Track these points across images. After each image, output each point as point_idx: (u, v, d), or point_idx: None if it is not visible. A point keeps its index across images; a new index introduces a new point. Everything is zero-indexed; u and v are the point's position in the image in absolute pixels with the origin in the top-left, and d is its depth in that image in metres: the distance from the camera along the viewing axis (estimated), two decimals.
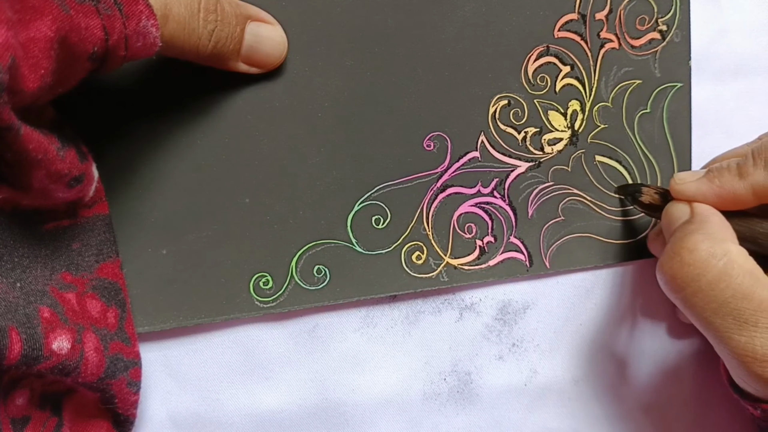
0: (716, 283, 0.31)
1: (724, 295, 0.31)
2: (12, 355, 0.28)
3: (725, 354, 0.32)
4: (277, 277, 0.39)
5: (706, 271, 0.31)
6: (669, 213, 0.36)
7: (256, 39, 0.35)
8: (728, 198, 0.35)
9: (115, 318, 0.35)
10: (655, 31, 0.41)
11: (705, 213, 0.34)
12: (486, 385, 0.42)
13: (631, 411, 0.43)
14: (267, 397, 0.40)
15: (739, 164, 0.35)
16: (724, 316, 0.31)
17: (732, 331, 0.31)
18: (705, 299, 0.31)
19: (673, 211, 0.36)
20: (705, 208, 0.35)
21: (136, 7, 0.28)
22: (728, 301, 0.31)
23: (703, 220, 0.34)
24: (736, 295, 0.31)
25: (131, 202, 0.37)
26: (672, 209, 0.36)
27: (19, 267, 0.32)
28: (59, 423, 0.35)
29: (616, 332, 0.43)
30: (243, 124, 0.38)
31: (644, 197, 0.39)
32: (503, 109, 0.40)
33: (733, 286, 0.31)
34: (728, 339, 0.31)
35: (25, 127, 0.26)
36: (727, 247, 0.32)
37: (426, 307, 0.41)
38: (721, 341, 0.32)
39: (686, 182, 0.36)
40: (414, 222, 0.40)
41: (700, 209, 0.35)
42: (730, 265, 0.31)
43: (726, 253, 0.31)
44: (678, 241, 0.33)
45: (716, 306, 0.31)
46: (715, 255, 0.31)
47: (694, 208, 0.35)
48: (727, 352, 0.32)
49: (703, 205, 0.35)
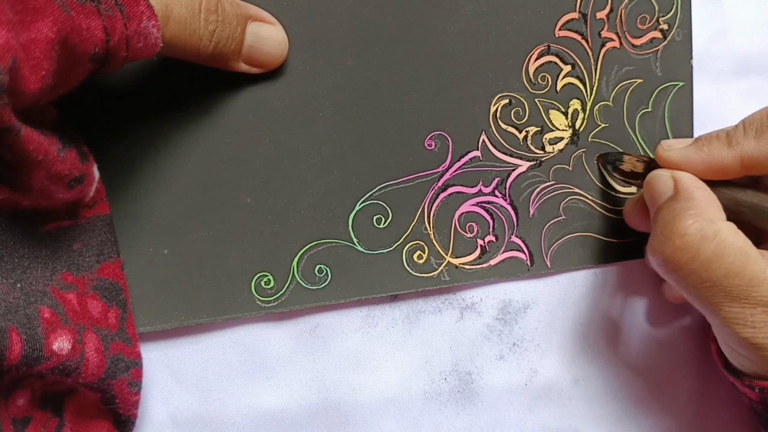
0: (709, 263, 0.31)
1: (717, 274, 0.31)
2: (12, 355, 0.28)
3: (717, 324, 0.33)
4: (279, 277, 0.39)
5: (698, 253, 0.31)
6: (651, 183, 0.36)
7: (257, 39, 0.35)
8: (715, 167, 0.35)
9: (116, 318, 0.35)
10: (657, 30, 0.40)
11: (690, 188, 0.34)
12: (486, 384, 0.42)
13: (631, 411, 0.43)
14: (268, 396, 0.40)
15: (729, 133, 0.35)
16: (717, 293, 0.32)
17: (723, 304, 0.32)
18: (698, 279, 0.32)
19: (656, 182, 0.35)
20: (690, 181, 0.34)
21: (137, 8, 0.28)
22: (720, 280, 0.31)
23: (689, 196, 0.33)
24: (729, 274, 0.31)
25: (132, 202, 0.37)
26: (654, 180, 0.35)
27: (19, 268, 0.32)
28: (60, 423, 0.35)
29: (616, 332, 0.43)
30: (244, 123, 0.38)
31: (625, 165, 0.38)
32: (504, 108, 0.40)
33: (725, 265, 0.31)
34: (719, 310, 0.32)
35: (25, 129, 0.26)
36: (718, 227, 0.32)
37: (427, 307, 0.41)
38: (713, 313, 0.32)
39: (673, 149, 0.36)
40: (415, 221, 0.40)
41: (685, 183, 0.34)
42: (721, 245, 0.31)
43: (717, 233, 0.31)
44: (668, 224, 0.33)
45: (709, 285, 0.32)
46: (706, 236, 0.31)
47: (678, 182, 0.34)
48: (718, 321, 0.32)
49: (688, 177, 0.34)
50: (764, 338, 0.31)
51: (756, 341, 0.32)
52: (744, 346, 0.32)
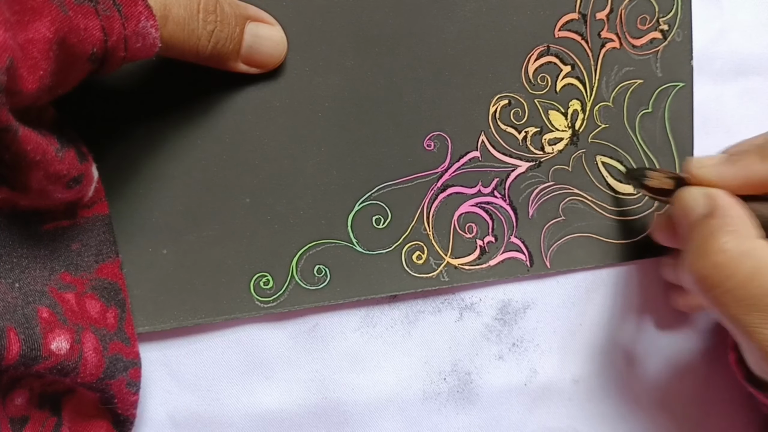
0: (747, 282, 0.30)
1: (754, 293, 0.30)
2: (10, 355, 0.28)
3: (751, 348, 0.32)
4: (278, 277, 0.39)
5: (736, 271, 0.31)
6: (683, 200, 0.35)
7: (256, 39, 0.35)
8: (751, 181, 0.34)
9: (114, 318, 0.35)
10: (657, 31, 0.40)
11: (726, 205, 0.33)
12: (486, 384, 0.42)
13: (631, 411, 0.43)
14: (267, 396, 0.40)
15: (762, 146, 0.34)
16: (753, 313, 0.31)
17: (760, 326, 0.31)
18: (735, 298, 0.31)
19: (688, 199, 0.34)
20: (725, 198, 0.33)
21: (135, 8, 0.28)
22: (759, 299, 0.30)
23: (725, 214, 0.32)
24: (767, 293, 0.30)
25: (131, 202, 0.37)
26: (686, 196, 0.35)
27: (17, 267, 0.32)
28: (58, 423, 0.35)
29: (616, 332, 0.43)
30: (243, 124, 0.38)
31: (653, 181, 0.37)
32: (504, 108, 0.40)
33: (764, 284, 0.30)
34: (756, 334, 0.31)
35: (23, 128, 0.26)
36: (755, 244, 0.31)
37: (426, 307, 0.41)
38: (749, 336, 0.31)
39: (706, 166, 0.35)
40: (414, 222, 0.40)
41: (721, 200, 0.33)
42: (759, 263, 0.31)
43: (754, 251, 0.31)
44: (704, 241, 0.32)
45: (747, 304, 0.31)
46: (744, 254, 0.31)
47: (714, 199, 0.33)
48: (753, 345, 0.31)
49: (722, 194, 0.34)
50: None
51: None
52: None
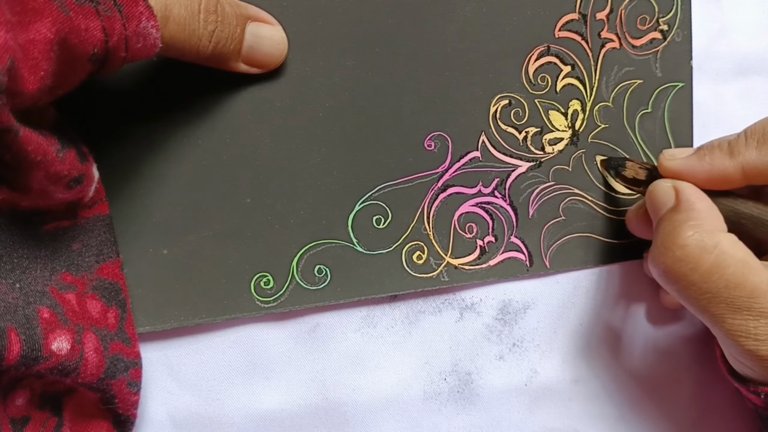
0: (709, 275, 0.31)
1: (717, 286, 0.31)
2: (11, 355, 0.28)
3: (720, 335, 0.33)
4: (278, 277, 0.39)
5: (698, 265, 0.31)
6: (653, 193, 0.36)
7: (257, 39, 0.35)
8: (717, 176, 0.35)
9: (115, 318, 0.35)
10: (656, 31, 0.40)
11: (691, 199, 0.34)
12: (486, 384, 0.42)
13: (631, 411, 0.43)
14: (267, 396, 0.40)
15: (731, 142, 0.35)
16: (718, 305, 0.32)
17: (726, 315, 0.32)
18: (699, 291, 0.32)
19: (658, 193, 0.35)
20: (691, 192, 0.34)
21: (136, 9, 0.28)
22: (721, 292, 0.31)
23: (690, 207, 0.33)
24: (729, 285, 0.31)
25: (132, 202, 0.37)
26: (656, 190, 0.35)
27: (18, 268, 0.32)
28: (59, 423, 0.35)
29: (616, 332, 0.43)
30: (243, 124, 0.38)
31: (628, 171, 0.38)
32: (504, 108, 0.40)
33: (726, 277, 0.31)
34: (722, 322, 0.32)
35: (24, 129, 0.26)
36: (718, 238, 0.32)
37: (426, 307, 0.41)
38: (716, 324, 0.32)
39: (675, 158, 0.36)
40: (415, 222, 0.40)
41: (687, 194, 0.34)
42: (721, 256, 0.31)
43: (717, 245, 0.31)
44: (668, 235, 0.33)
45: (710, 296, 0.32)
46: (706, 248, 0.31)
47: (680, 193, 0.34)
48: (722, 333, 0.32)
49: (688, 187, 0.34)
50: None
51: (760, 353, 0.31)
52: (748, 357, 0.32)
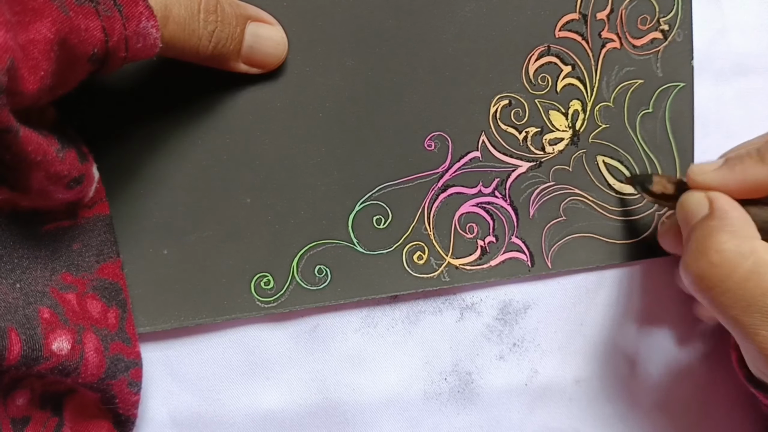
0: (745, 282, 0.31)
1: (753, 293, 0.31)
2: (11, 356, 0.29)
3: (750, 348, 0.32)
4: (278, 277, 0.39)
5: (734, 270, 0.31)
6: (685, 205, 0.35)
7: (256, 39, 0.35)
8: (750, 185, 0.34)
9: (115, 318, 0.35)
10: (657, 31, 0.40)
11: (725, 207, 0.33)
12: (487, 384, 0.42)
13: (631, 411, 0.43)
14: (268, 396, 0.40)
15: (760, 150, 0.34)
16: (753, 314, 0.31)
17: (759, 327, 0.31)
18: (733, 298, 0.31)
19: (690, 203, 0.35)
20: (724, 201, 0.34)
21: (136, 9, 0.28)
22: (757, 299, 0.31)
23: (724, 215, 0.33)
24: (766, 293, 0.30)
25: (132, 202, 0.37)
26: (688, 200, 0.35)
27: (18, 268, 0.32)
28: (60, 423, 0.35)
29: (617, 332, 0.43)
30: (243, 124, 0.38)
31: (655, 186, 0.38)
32: (504, 108, 0.40)
33: (762, 284, 0.30)
34: (755, 335, 0.31)
35: (24, 129, 0.26)
36: (754, 245, 0.31)
37: (427, 307, 0.41)
38: (748, 336, 0.31)
39: (706, 172, 0.35)
40: (415, 222, 0.40)
41: (720, 203, 0.33)
42: (758, 263, 0.31)
43: (753, 251, 0.31)
44: (703, 240, 0.32)
45: (745, 305, 0.31)
46: (742, 254, 0.31)
47: (713, 202, 0.34)
48: (752, 346, 0.31)
49: (722, 196, 0.34)
50: None
51: None
52: None
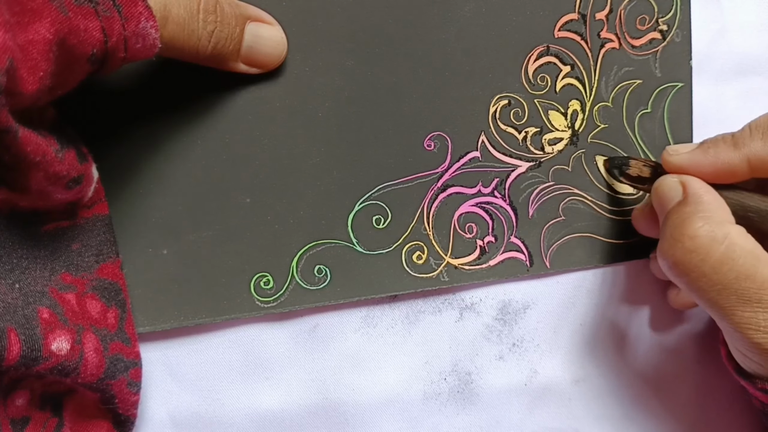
0: (719, 266, 0.31)
1: (727, 277, 0.31)
2: (11, 356, 0.29)
3: (728, 329, 0.33)
4: (278, 277, 0.39)
5: (708, 256, 0.31)
6: (660, 189, 0.36)
7: (256, 39, 0.35)
8: (722, 169, 0.34)
9: (115, 318, 0.35)
10: (656, 31, 0.40)
11: (699, 192, 0.34)
12: (486, 384, 0.42)
13: (631, 411, 0.43)
14: (267, 396, 0.40)
15: (735, 135, 0.35)
16: (728, 296, 0.31)
17: (735, 308, 0.31)
18: (709, 282, 0.32)
19: (664, 188, 0.35)
20: (698, 185, 0.34)
21: (135, 9, 0.28)
22: (732, 283, 0.31)
23: (698, 200, 0.33)
24: (740, 276, 0.31)
25: (131, 202, 0.37)
26: (663, 185, 0.35)
27: (17, 268, 0.32)
28: (59, 423, 0.35)
29: (616, 332, 0.43)
30: (243, 124, 0.38)
31: (632, 170, 0.38)
32: (503, 108, 0.40)
33: (736, 268, 0.31)
34: (731, 315, 0.32)
35: (23, 129, 0.26)
36: (728, 230, 0.32)
37: (426, 307, 0.41)
38: (725, 317, 0.32)
39: (680, 153, 0.36)
40: (414, 222, 0.40)
41: (694, 187, 0.34)
42: (731, 248, 0.31)
43: (727, 236, 0.31)
44: (677, 227, 0.33)
45: (720, 288, 0.31)
46: (716, 239, 0.31)
47: (687, 186, 0.34)
48: (730, 326, 0.32)
49: (696, 181, 0.34)
50: None
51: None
52: (756, 351, 0.32)
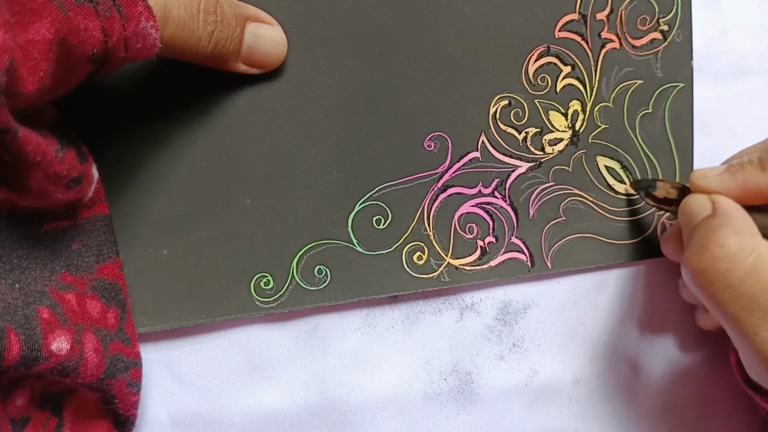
0: (746, 278, 0.31)
1: (753, 290, 0.30)
2: (11, 356, 0.29)
3: (747, 349, 0.32)
4: (278, 278, 0.39)
5: (735, 265, 0.31)
6: (688, 206, 0.35)
7: (256, 39, 0.35)
8: (751, 192, 0.34)
9: (115, 318, 0.35)
10: (657, 31, 0.40)
11: (728, 207, 0.33)
12: (486, 385, 0.42)
13: (631, 411, 0.43)
14: (268, 397, 0.40)
15: (761, 158, 0.34)
16: (753, 312, 0.31)
17: (759, 327, 0.30)
18: (734, 294, 0.31)
19: (693, 205, 0.35)
20: (727, 202, 0.34)
21: (135, 9, 0.28)
22: (758, 296, 0.30)
23: (727, 214, 0.33)
24: (767, 289, 0.30)
25: (132, 202, 0.37)
26: (691, 203, 0.35)
27: (18, 268, 0.32)
28: (59, 423, 0.35)
29: (617, 333, 0.43)
30: (243, 124, 0.38)
31: (659, 191, 0.38)
32: (504, 109, 0.40)
33: (763, 281, 0.30)
34: (754, 335, 0.31)
35: (23, 129, 0.26)
36: (756, 242, 0.31)
37: (426, 307, 0.41)
38: (746, 336, 0.31)
39: (708, 177, 0.35)
40: (415, 222, 0.40)
41: (723, 204, 0.34)
42: (759, 260, 0.31)
43: (755, 248, 0.31)
44: (705, 235, 0.32)
45: (745, 301, 0.31)
46: (744, 249, 0.31)
47: (716, 203, 0.34)
48: (749, 347, 0.31)
49: (724, 198, 0.34)
50: None
51: None
52: None
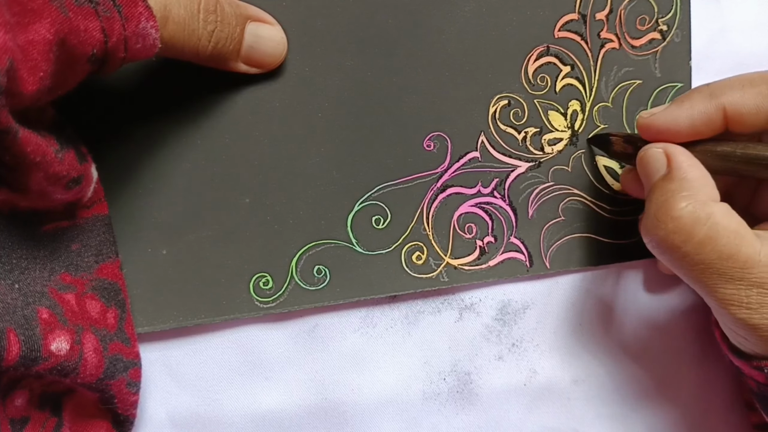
0: (701, 247, 0.32)
1: (710, 257, 0.31)
2: (10, 356, 0.29)
3: (713, 304, 0.33)
4: (277, 278, 0.39)
5: (691, 236, 0.32)
6: (644, 160, 0.35)
7: (256, 39, 0.35)
8: (699, 121, 0.34)
9: (114, 318, 0.35)
10: (656, 31, 0.40)
11: (683, 166, 0.33)
12: (485, 385, 0.42)
13: (630, 411, 0.43)
14: (267, 397, 0.40)
15: (710, 85, 0.34)
16: (711, 275, 0.32)
17: (719, 285, 0.32)
18: (691, 262, 0.32)
19: (649, 159, 0.35)
20: (683, 158, 0.34)
21: (135, 9, 0.28)
22: (714, 263, 0.32)
23: (683, 176, 0.33)
24: (722, 256, 0.31)
25: (131, 202, 0.37)
26: (647, 157, 0.35)
27: (17, 268, 0.32)
28: (59, 423, 0.35)
29: (615, 332, 0.43)
30: (243, 124, 0.38)
31: (615, 146, 0.38)
32: (503, 109, 0.40)
33: (719, 248, 0.31)
34: (715, 292, 0.32)
35: (23, 130, 0.26)
36: (711, 209, 0.32)
37: (426, 307, 0.41)
38: (708, 294, 0.33)
39: (655, 113, 0.35)
40: (414, 222, 0.40)
41: (679, 161, 0.33)
42: (714, 228, 0.31)
43: (710, 216, 0.31)
44: (661, 207, 0.33)
45: (703, 267, 0.32)
46: (699, 219, 0.31)
47: (671, 159, 0.34)
48: (714, 302, 0.33)
49: (681, 153, 0.34)
50: (760, 319, 0.32)
51: (752, 322, 0.32)
52: (740, 326, 0.32)
